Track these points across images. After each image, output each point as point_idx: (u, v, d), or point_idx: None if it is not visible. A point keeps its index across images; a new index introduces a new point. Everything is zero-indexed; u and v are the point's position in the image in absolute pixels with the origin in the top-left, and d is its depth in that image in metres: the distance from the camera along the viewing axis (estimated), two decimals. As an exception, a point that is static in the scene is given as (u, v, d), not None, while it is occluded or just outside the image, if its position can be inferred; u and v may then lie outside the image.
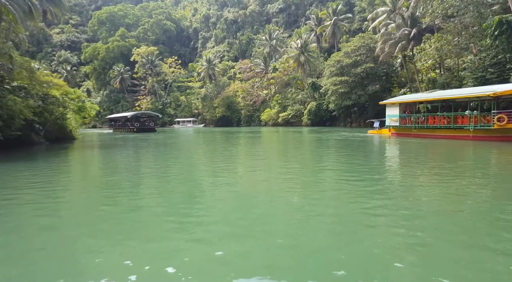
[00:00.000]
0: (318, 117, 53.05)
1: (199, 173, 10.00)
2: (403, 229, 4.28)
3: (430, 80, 33.03)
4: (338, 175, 8.59)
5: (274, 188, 7.20)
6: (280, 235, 4.17)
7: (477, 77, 27.17)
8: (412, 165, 10.16)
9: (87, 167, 12.43)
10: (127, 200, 6.26)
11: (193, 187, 7.68)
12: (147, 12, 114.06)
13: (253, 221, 4.78)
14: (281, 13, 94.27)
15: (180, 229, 4.56)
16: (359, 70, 41.27)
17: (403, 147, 16.61)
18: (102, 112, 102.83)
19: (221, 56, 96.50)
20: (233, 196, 6.54)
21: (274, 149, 17.85)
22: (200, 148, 19.52)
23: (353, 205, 5.57)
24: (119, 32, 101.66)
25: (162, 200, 6.37)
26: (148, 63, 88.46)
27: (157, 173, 9.80)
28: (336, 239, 4.06)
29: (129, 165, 11.94)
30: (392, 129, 22.43)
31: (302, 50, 54.47)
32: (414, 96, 21.57)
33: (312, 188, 7.16)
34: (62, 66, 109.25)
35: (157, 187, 7.76)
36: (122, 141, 29.46)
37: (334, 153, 14.42)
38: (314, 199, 6.06)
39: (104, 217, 5.32)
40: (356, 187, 7.01)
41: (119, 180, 8.68)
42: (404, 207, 5.28)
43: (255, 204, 5.89)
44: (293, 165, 10.73)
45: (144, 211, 5.60)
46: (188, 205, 5.82)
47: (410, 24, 34.83)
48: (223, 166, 10.89)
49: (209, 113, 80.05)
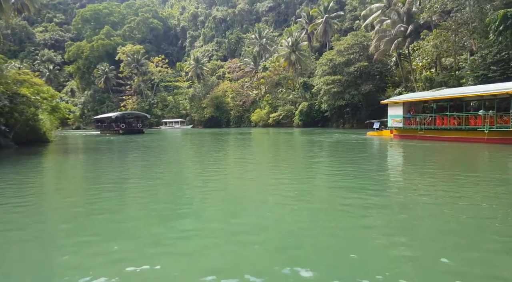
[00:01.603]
0: (309, 118, 51.43)
1: (186, 185, 8.07)
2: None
3: (427, 79, 31.68)
4: (334, 187, 6.80)
5: (263, 200, 6.25)
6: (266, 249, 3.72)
7: (478, 75, 25.81)
8: (420, 172, 8.41)
9: (52, 177, 10.27)
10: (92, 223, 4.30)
11: (179, 199, 6.42)
12: (133, 10, 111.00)
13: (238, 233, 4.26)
14: (271, 11, 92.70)
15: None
16: (352, 69, 39.76)
17: (409, 151, 14.92)
18: (86, 113, 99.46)
19: (210, 55, 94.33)
20: (220, 211, 5.54)
21: (264, 155, 15.95)
22: (188, 153, 17.51)
23: (351, 219, 4.77)
24: (104, 31, 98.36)
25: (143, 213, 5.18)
26: (133, 62, 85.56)
27: (136, 184, 7.81)
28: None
29: (98, 176, 9.89)
30: (394, 130, 20.73)
31: (293, 48, 52.79)
32: (419, 95, 19.92)
33: (304, 200, 6.07)
34: (44, 65, 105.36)
35: (133, 202, 5.80)
36: (103, 144, 27.12)
37: (332, 159, 12.61)
38: (305, 211, 5.31)
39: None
40: (357, 200, 5.80)
41: (83, 199, 6.67)
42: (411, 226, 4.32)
43: (243, 215, 5.25)
44: (285, 174, 8.88)
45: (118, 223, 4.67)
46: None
47: (406, 21, 33.43)
48: (210, 174, 9.01)
49: (197, 114, 77.70)
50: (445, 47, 27.92)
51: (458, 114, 16.14)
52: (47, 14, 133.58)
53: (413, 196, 6.03)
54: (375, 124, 25.04)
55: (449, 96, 16.41)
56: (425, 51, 28.65)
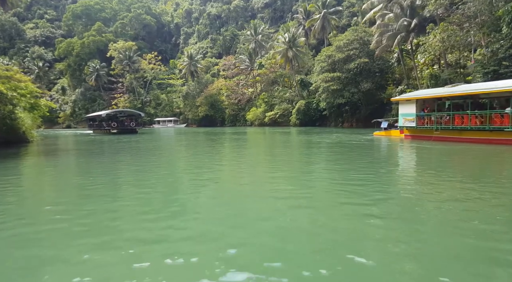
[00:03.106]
0: (307, 117, 49.70)
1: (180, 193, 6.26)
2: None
3: (432, 76, 30.05)
4: (344, 204, 5.07)
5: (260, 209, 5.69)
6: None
7: (488, 71, 24.29)
8: (441, 182, 6.69)
9: (25, 187, 8.35)
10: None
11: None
12: (126, 6, 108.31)
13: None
14: (267, 8, 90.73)
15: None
16: (352, 66, 38.06)
17: (424, 155, 13.18)
18: (77, 111, 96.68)
19: (204, 52, 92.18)
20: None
21: (260, 161, 14.13)
22: (181, 159, 15.63)
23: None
24: (95, 27, 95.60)
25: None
26: (125, 59, 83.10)
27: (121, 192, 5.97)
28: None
29: (65, 186, 8.00)
30: (406, 130, 18.91)
31: (290, 44, 50.91)
32: (435, 91, 18.11)
33: (306, 212, 5.30)
34: (34, 62, 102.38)
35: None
36: (89, 145, 25.10)
37: (341, 166, 10.81)
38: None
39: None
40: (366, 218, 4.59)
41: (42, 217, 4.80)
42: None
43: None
44: (284, 185, 7.10)
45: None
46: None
47: (410, 14, 31.78)
48: (205, 181, 7.22)
49: (191, 113, 75.57)
50: (453, 42, 26.26)
51: (481, 112, 14.34)
52: (38, 10, 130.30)
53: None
54: (383, 124, 23.21)
55: (471, 92, 14.61)
56: (431, 45, 26.96)
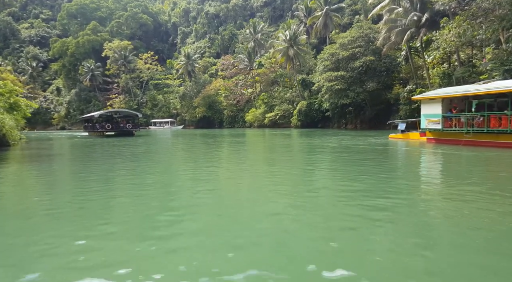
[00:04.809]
0: (309, 118, 47.61)
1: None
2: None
3: (445, 75, 28.02)
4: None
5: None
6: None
7: (509, 68, 22.32)
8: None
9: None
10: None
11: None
12: (122, 5, 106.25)
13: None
14: (266, 7, 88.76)
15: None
16: (357, 64, 35.97)
17: (457, 165, 11.08)
18: (72, 113, 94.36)
19: (202, 52, 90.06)
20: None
21: (260, 174, 12.00)
22: (180, 162, 13.49)
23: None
24: (90, 26, 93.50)
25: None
26: (121, 59, 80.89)
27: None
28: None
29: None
30: (429, 133, 16.69)
31: (291, 43, 48.80)
32: (463, 88, 15.97)
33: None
34: (27, 63, 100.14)
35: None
36: (78, 149, 22.93)
37: (356, 178, 8.67)
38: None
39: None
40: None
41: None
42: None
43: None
44: (287, 209, 5.00)
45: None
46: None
47: (420, 9, 29.77)
48: (203, 191, 5.13)
49: (188, 114, 73.36)
50: (470, 37, 24.21)
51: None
52: (33, 10, 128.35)
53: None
54: (400, 125, 20.99)
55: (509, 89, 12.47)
56: (446, 41, 24.87)
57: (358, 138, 21.90)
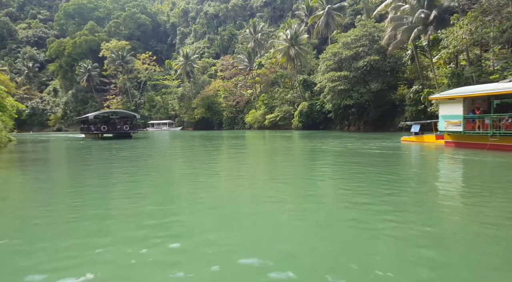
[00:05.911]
0: (310, 120, 46.34)
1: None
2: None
3: (454, 75, 26.76)
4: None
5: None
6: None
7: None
8: None
9: None
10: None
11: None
12: (120, 4, 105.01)
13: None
14: (266, 7, 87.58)
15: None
16: (361, 64, 34.73)
17: (487, 173, 9.79)
18: (68, 114, 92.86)
19: (201, 52, 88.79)
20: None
21: (260, 175, 10.69)
22: (176, 172, 12.18)
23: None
24: (88, 26, 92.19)
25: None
26: (118, 59, 79.55)
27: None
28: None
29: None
30: (448, 136, 15.25)
31: (292, 42, 47.54)
32: (487, 87, 14.61)
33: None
34: (23, 63, 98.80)
35: None
36: (69, 152, 21.62)
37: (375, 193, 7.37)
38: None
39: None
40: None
41: None
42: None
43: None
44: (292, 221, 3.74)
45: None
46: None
47: (428, 5, 28.55)
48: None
49: (187, 115, 72.01)
50: (481, 34, 22.97)
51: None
52: (31, 10, 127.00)
53: None
54: (413, 127, 19.59)
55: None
56: (457, 38, 23.61)
57: (364, 141, 20.58)
